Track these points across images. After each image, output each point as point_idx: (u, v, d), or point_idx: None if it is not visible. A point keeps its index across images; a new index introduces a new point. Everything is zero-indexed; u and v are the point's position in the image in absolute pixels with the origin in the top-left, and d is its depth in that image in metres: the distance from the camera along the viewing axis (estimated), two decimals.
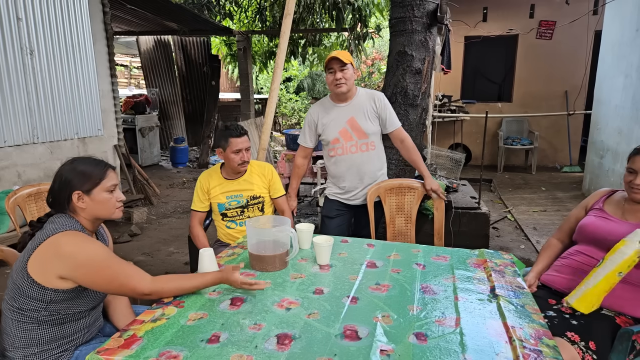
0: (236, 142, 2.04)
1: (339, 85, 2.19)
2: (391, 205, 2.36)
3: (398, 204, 2.38)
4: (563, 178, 6.27)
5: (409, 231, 2.39)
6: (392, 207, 2.37)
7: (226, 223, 2.19)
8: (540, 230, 4.07)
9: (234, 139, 2.04)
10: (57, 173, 1.34)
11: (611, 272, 1.38)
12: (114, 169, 1.41)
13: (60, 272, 1.22)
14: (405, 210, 2.38)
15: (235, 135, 2.05)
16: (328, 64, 2.20)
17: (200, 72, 8.76)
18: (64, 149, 4.05)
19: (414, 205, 2.37)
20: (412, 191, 2.37)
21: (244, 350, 1.06)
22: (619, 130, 4.61)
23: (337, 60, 2.16)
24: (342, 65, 2.17)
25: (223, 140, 2.06)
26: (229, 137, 2.04)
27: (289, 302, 1.32)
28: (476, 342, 1.11)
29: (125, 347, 1.06)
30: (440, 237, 2.33)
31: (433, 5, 2.98)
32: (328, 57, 2.20)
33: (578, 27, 5.84)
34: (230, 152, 2.04)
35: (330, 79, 2.21)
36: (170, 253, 3.68)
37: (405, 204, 2.38)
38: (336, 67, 2.17)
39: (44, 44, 3.82)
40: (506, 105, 7.06)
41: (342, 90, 2.21)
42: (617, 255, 1.38)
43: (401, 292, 1.40)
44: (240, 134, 2.06)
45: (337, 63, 2.17)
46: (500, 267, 1.59)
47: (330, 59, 2.18)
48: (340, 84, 2.19)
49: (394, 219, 2.38)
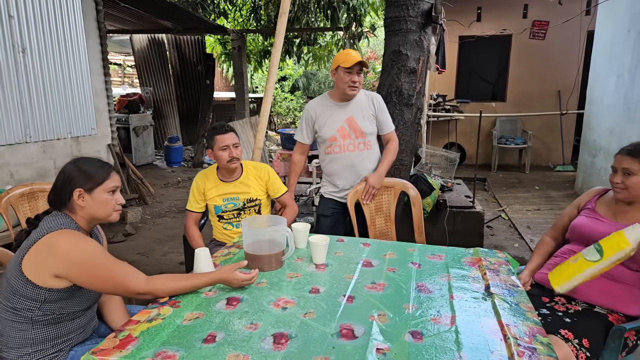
0: (222, 138, 2.03)
1: (354, 88, 2.22)
2: (371, 206, 2.38)
3: (377, 204, 2.39)
4: (556, 177, 6.32)
5: (389, 230, 2.40)
6: (371, 208, 2.38)
7: (222, 224, 2.18)
8: (534, 229, 4.11)
9: (219, 136, 2.03)
10: (61, 170, 1.35)
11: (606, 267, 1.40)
12: (118, 172, 1.42)
13: (55, 270, 1.21)
14: (384, 210, 2.40)
15: (220, 132, 2.04)
16: (349, 65, 2.16)
17: (195, 71, 8.72)
18: (57, 148, 4.02)
19: (391, 204, 2.39)
20: (389, 190, 2.39)
21: (240, 350, 1.06)
22: (611, 129, 4.66)
23: (360, 63, 2.17)
24: (360, 69, 2.20)
25: (210, 140, 2.06)
26: (214, 135, 2.05)
27: (285, 302, 1.32)
28: (471, 340, 1.11)
29: (121, 348, 1.05)
30: (421, 232, 2.33)
31: (428, 5, 2.98)
32: (352, 59, 2.16)
33: (571, 27, 5.89)
34: (218, 149, 2.03)
35: (347, 79, 2.20)
36: (165, 253, 3.66)
37: (384, 204, 2.40)
38: (356, 70, 2.19)
39: (37, 42, 3.78)
40: (500, 105, 7.11)
41: (354, 93, 2.25)
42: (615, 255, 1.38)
43: (397, 290, 1.40)
44: (225, 130, 2.06)
45: (359, 66, 2.18)
46: (494, 266, 1.60)
47: (354, 61, 2.15)
48: (355, 87, 2.22)
49: (374, 219, 2.39)
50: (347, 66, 2.17)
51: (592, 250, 1.42)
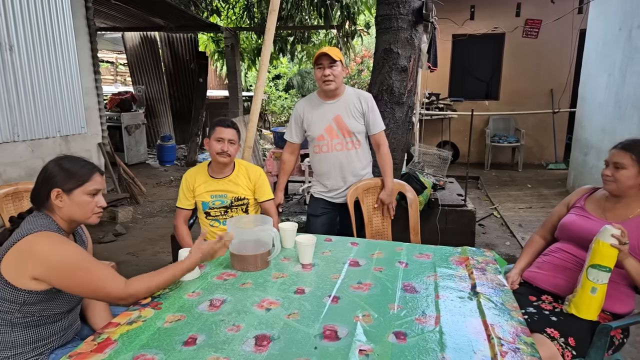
0: (220, 130, 2.05)
1: (327, 82, 2.18)
2: (368, 205, 2.37)
3: (374, 203, 2.39)
4: (549, 175, 6.35)
5: (385, 230, 2.39)
6: (369, 207, 2.38)
7: (209, 222, 2.17)
8: (526, 227, 4.12)
9: (219, 128, 2.06)
10: (43, 168, 1.32)
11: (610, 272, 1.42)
12: (102, 174, 1.39)
13: (34, 273, 1.19)
14: (381, 209, 2.39)
15: (222, 125, 2.07)
16: (317, 60, 2.18)
17: (188, 69, 8.66)
18: (46, 147, 3.97)
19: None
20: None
21: (220, 352, 1.04)
22: (603, 127, 4.68)
23: (326, 56, 2.15)
24: (331, 62, 2.16)
25: (212, 129, 2.10)
26: (216, 125, 2.08)
27: (269, 303, 1.30)
28: (455, 340, 1.11)
29: (99, 351, 1.03)
30: (416, 232, 2.34)
31: (418, 3, 2.98)
32: (317, 53, 2.19)
33: (563, 26, 5.91)
34: (213, 139, 2.06)
35: (319, 75, 2.19)
36: (156, 252, 3.64)
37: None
38: (325, 63, 2.16)
39: (24, 40, 3.73)
40: (493, 103, 7.12)
41: (330, 88, 2.20)
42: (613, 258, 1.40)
43: (382, 290, 1.39)
44: (227, 125, 2.08)
45: (327, 59, 2.16)
46: (481, 265, 1.59)
47: (319, 55, 2.17)
48: (329, 80, 2.18)
49: (371, 218, 2.38)
50: (314, 61, 2.20)
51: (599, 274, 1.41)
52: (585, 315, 1.46)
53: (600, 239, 1.41)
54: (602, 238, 1.40)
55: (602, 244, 1.40)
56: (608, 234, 1.39)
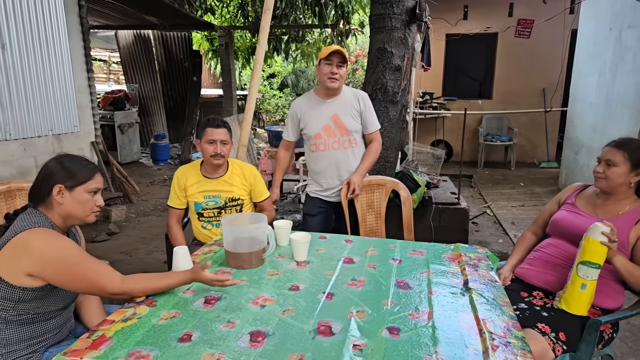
0: (212, 132, 2.00)
1: (333, 79, 2.18)
2: (362, 204, 2.39)
3: (368, 201, 2.41)
4: (541, 173, 6.41)
5: (379, 228, 2.41)
6: (363, 205, 2.39)
7: (202, 223, 2.13)
8: (518, 225, 4.16)
9: (210, 129, 2.00)
10: (44, 165, 1.33)
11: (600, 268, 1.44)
12: (103, 174, 1.39)
13: (29, 269, 1.19)
14: (375, 207, 2.41)
15: (212, 125, 2.01)
16: (328, 55, 2.16)
17: (182, 67, 8.61)
18: (38, 146, 3.93)
19: (382, 201, 2.41)
20: (381, 188, 2.41)
21: (215, 349, 1.05)
22: (594, 127, 4.74)
23: (339, 54, 2.14)
24: (340, 61, 2.17)
25: (201, 130, 2.04)
26: (206, 127, 2.02)
27: (264, 299, 1.31)
28: (447, 334, 1.12)
29: (93, 348, 1.04)
30: (410, 230, 2.36)
31: (412, 2, 2.99)
32: (330, 49, 2.15)
33: (555, 25, 5.96)
34: (205, 141, 2.00)
35: (326, 70, 2.18)
36: (150, 252, 3.62)
37: (375, 201, 2.41)
38: (335, 61, 2.16)
39: (16, 38, 3.69)
40: (486, 102, 7.17)
41: (334, 85, 2.20)
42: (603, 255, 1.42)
43: (376, 287, 1.41)
44: (217, 125, 2.02)
45: (338, 57, 2.15)
46: (474, 261, 1.61)
47: (332, 51, 2.14)
48: (335, 78, 2.18)
49: (365, 216, 2.40)
50: (325, 56, 2.17)
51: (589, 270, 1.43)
52: (575, 311, 1.48)
53: (590, 236, 1.43)
54: (592, 235, 1.43)
55: (592, 241, 1.42)
56: (598, 232, 1.41)
